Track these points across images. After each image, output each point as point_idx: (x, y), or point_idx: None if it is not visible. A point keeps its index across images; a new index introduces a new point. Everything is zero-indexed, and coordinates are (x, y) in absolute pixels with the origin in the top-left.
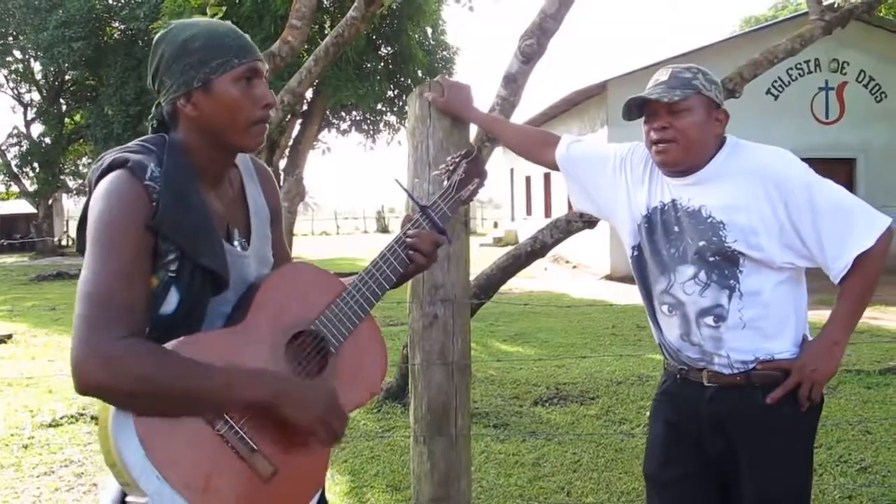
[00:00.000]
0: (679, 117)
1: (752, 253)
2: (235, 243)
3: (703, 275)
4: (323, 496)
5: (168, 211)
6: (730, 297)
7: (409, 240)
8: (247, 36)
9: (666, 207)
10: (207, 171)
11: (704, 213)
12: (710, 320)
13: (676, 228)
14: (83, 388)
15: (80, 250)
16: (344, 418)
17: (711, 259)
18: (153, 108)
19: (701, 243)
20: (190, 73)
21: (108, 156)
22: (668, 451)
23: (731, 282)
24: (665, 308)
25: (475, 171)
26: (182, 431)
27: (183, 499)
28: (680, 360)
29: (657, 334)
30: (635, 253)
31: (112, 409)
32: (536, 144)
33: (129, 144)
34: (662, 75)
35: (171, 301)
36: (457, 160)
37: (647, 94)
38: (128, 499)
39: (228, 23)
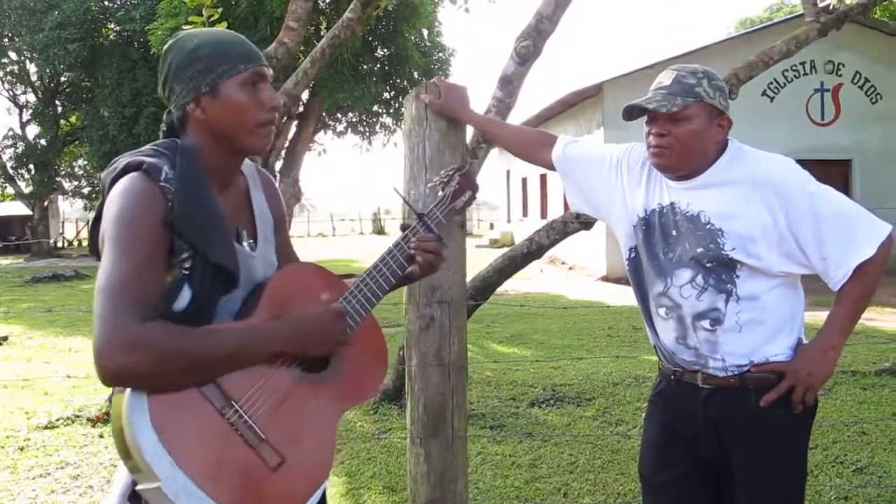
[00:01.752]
0: (678, 125)
1: (749, 261)
2: (244, 244)
3: (700, 279)
4: (324, 494)
5: (183, 210)
6: (727, 301)
7: (412, 243)
8: (252, 44)
9: (664, 210)
10: (217, 175)
11: (703, 219)
12: (706, 324)
13: (674, 232)
14: (110, 374)
15: (93, 251)
16: (346, 327)
17: (709, 265)
18: (164, 115)
19: (699, 249)
20: (198, 79)
21: (123, 160)
22: (663, 452)
23: (729, 286)
24: (662, 311)
25: (467, 184)
26: (194, 419)
27: (193, 483)
28: (675, 363)
29: (652, 337)
30: (632, 255)
31: (127, 398)
32: (533, 145)
33: (142, 149)
34: (666, 78)
35: (184, 297)
36: (450, 173)
37: (646, 101)
38: (138, 487)
39: (234, 32)
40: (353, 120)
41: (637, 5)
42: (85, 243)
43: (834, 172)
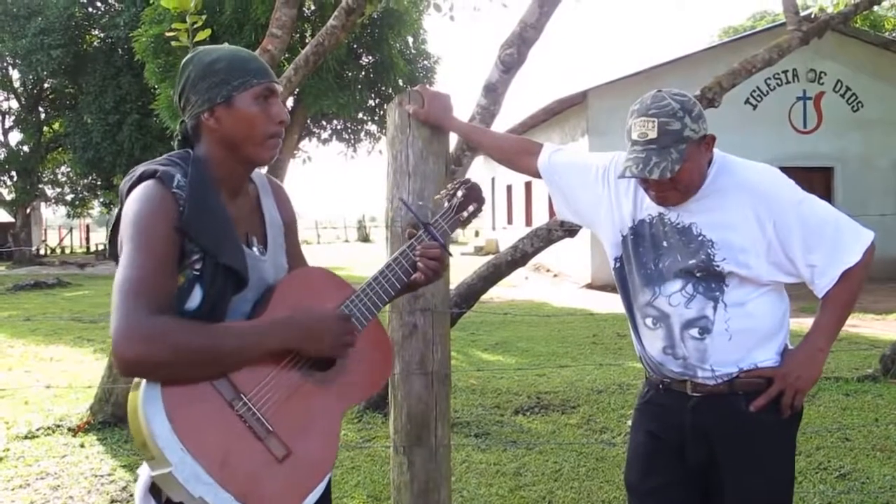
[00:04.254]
0: (678, 173)
1: (740, 271)
2: (254, 248)
3: (689, 287)
4: (328, 487)
5: (193, 214)
6: (715, 308)
7: (417, 251)
8: (264, 61)
9: (654, 221)
10: (227, 183)
11: (695, 231)
12: (695, 332)
13: (665, 244)
14: (126, 365)
15: (112, 256)
16: (353, 329)
17: (699, 274)
18: (178, 125)
19: (690, 262)
20: (214, 91)
21: (139, 169)
22: (650, 460)
23: (717, 294)
24: (649, 321)
25: (473, 197)
26: (205, 410)
27: (203, 469)
28: (662, 374)
29: (638, 347)
30: (617, 265)
31: (142, 388)
32: (517, 153)
33: (158, 159)
34: (649, 129)
35: (196, 298)
36: (457, 186)
37: (646, 170)
38: (152, 473)
39: (248, 50)
40: (338, 127)
41: (623, 11)
42: (67, 251)
43: (816, 180)
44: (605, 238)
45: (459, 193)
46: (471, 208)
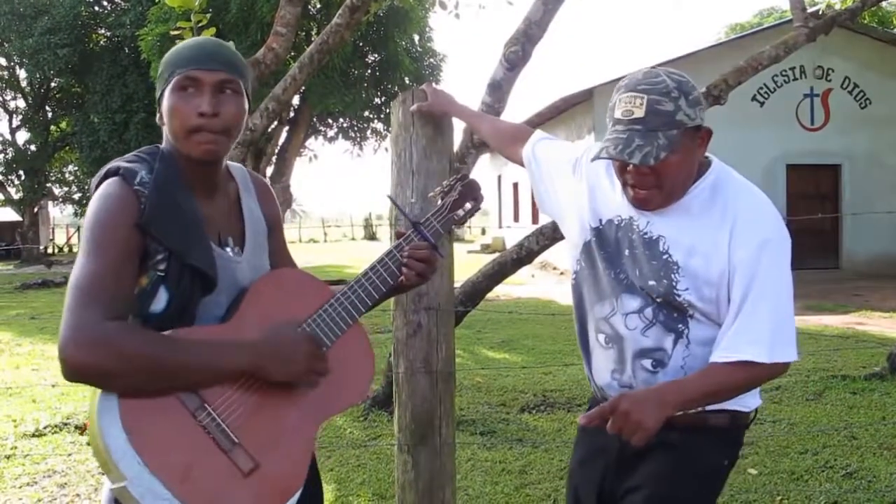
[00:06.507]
0: (662, 162)
1: (702, 305)
2: (228, 249)
3: (649, 311)
4: (307, 499)
5: (155, 212)
6: (675, 342)
7: (405, 251)
8: (209, 48)
9: (622, 224)
10: (194, 179)
11: (661, 247)
12: (648, 363)
13: (627, 252)
14: (70, 369)
15: None
16: (324, 359)
17: (658, 299)
18: None
19: (651, 282)
20: (159, 87)
21: (107, 166)
22: (577, 491)
23: (680, 326)
24: (602, 338)
25: (470, 194)
26: (165, 420)
27: (161, 484)
28: (605, 398)
29: (586, 368)
30: (577, 268)
31: (98, 395)
32: (510, 140)
33: (126, 156)
34: (637, 107)
35: (161, 300)
36: (452, 182)
37: (626, 152)
38: (110, 486)
39: (206, 37)
40: (344, 125)
41: (628, 9)
42: (75, 249)
43: (824, 177)
44: (571, 237)
45: (455, 190)
46: (467, 206)
